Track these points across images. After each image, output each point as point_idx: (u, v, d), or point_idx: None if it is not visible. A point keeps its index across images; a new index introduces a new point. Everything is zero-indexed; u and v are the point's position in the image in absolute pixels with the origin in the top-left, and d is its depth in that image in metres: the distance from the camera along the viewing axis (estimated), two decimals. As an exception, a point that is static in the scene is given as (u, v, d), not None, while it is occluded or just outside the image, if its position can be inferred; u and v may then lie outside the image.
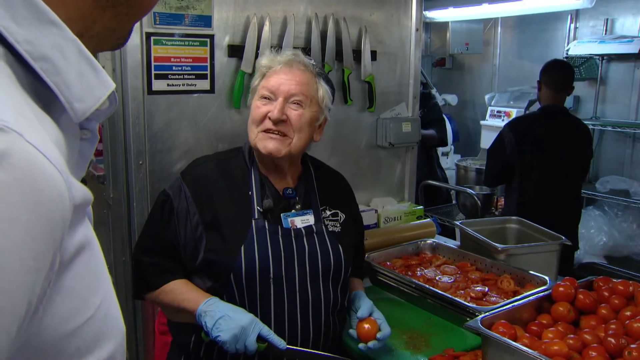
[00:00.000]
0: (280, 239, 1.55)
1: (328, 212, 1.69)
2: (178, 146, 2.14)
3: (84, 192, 0.57)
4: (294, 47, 2.33)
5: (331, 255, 1.61)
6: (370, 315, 1.62)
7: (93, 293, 0.60)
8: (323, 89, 1.64)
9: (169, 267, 1.57)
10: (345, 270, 1.63)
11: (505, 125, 3.35)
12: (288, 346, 1.46)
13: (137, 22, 0.71)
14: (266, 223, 1.56)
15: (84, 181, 0.67)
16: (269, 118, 1.56)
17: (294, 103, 1.58)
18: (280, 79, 1.58)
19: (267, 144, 1.57)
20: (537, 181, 3.20)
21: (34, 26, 0.56)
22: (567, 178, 3.25)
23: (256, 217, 1.56)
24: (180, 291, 1.54)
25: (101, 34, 0.66)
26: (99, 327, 0.60)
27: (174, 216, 1.56)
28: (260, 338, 1.43)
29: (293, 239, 1.57)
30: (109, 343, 0.62)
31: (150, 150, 2.08)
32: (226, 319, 1.42)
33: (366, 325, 1.58)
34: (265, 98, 1.59)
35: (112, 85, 0.63)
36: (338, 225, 1.69)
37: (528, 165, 3.20)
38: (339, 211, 1.72)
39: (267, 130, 1.57)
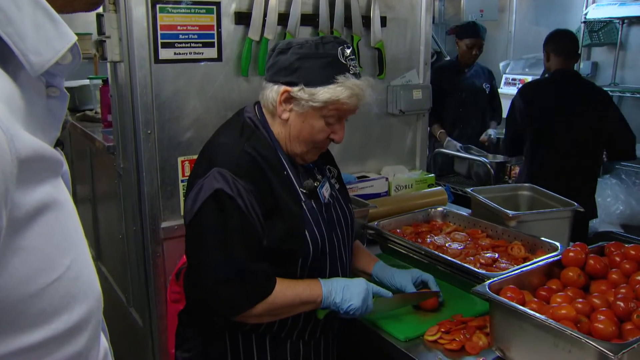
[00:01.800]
0: (325, 215, 1.59)
1: (328, 172, 1.73)
2: (186, 115, 2.14)
3: (35, 147, 0.54)
4: (303, 14, 2.30)
5: (348, 215, 1.69)
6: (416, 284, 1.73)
7: (62, 254, 0.58)
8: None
9: (270, 268, 1.48)
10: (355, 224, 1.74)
11: (516, 92, 3.31)
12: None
13: None
14: (313, 202, 1.56)
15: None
16: (333, 140, 1.56)
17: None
18: (354, 108, 1.52)
19: (315, 156, 1.61)
20: (547, 149, 3.13)
21: None
22: (580, 146, 3.15)
23: (303, 199, 1.54)
24: (291, 285, 1.49)
25: None
26: (68, 289, 0.58)
27: (247, 216, 1.43)
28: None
29: (331, 211, 1.62)
30: (81, 306, 0.60)
31: (159, 120, 2.08)
32: (347, 289, 1.51)
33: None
34: (330, 121, 1.51)
35: (73, 38, 0.60)
36: (335, 181, 1.74)
37: (538, 133, 3.14)
38: (331, 167, 1.76)
39: (322, 147, 1.60)
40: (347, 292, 1.51)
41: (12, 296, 0.53)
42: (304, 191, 1.55)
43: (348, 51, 1.49)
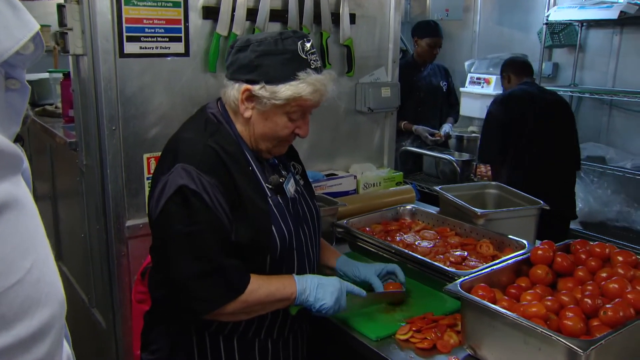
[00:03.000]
0: (291, 210, 1.58)
1: (292, 169, 1.73)
2: (152, 111, 2.08)
3: None
4: (272, 10, 2.27)
5: (314, 211, 1.69)
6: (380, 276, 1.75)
7: (22, 256, 0.54)
8: None
9: (242, 265, 1.45)
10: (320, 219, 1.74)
11: (491, 103, 3.49)
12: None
13: None
14: (279, 198, 1.55)
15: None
16: (297, 135, 1.56)
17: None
18: (317, 103, 1.52)
19: (281, 151, 1.60)
20: (528, 156, 3.33)
21: None
22: (558, 150, 3.39)
23: (269, 194, 1.53)
24: (265, 283, 1.47)
25: None
26: (29, 293, 0.55)
27: (213, 211, 1.40)
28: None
29: (297, 206, 1.61)
30: (43, 310, 0.57)
31: (124, 116, 2.02)
32: (321, 288, 1.51)
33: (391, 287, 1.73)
34: (293, 117, 1.51)
35: (36, 26, 0.57)
36: (299, 177, 1.73)
37: (518, 141, 3.33)
38: (294, 163, 1.76)
39: (287, 141, 1.59)
40: (320, 291, 1.50)
41: None
42: (270, 187, 1.54)
43: (308, 45, 1.48)
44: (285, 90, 1.44)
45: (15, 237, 0.54)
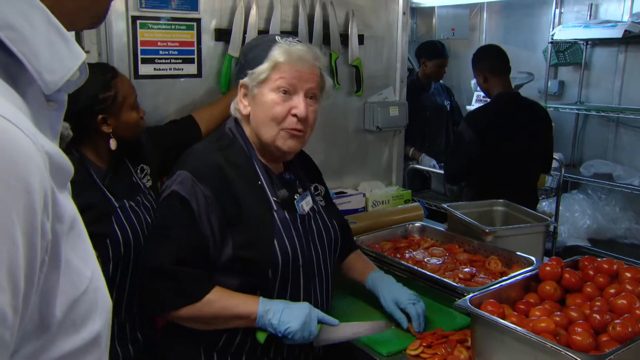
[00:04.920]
0: (300, 226, 1.57)
1: (313, 189, 1.73)
2: (166, 131, 2.13)
3: (58, 154, 0.55)
4: (282, 31, 2.32)
5: (331, 231, 1.67)
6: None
7: (85, 266, 0.60)
8: (329, 83, 1.61)
9: (206, 276, 1.47)
10: (340, 240, 1.72)
11: (462, 121, 3.23)
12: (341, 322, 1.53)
13: (112, 1, 0.69)
14: (286, 213, 1.54)
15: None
16: (296, 116, 1.49)
17: (310, 97, 1.52)
18: (301, 72, 1.49)
19: (290, 143, 1.52)
20: (497, 174, 3.02)
21: None
22: (528, 169, 3.12)
23: (275, 208, 1.53)
24: (227, 297, 1.46)
25: (74, 12, 0.64)
26: (91, 300, 0.60)
27: (195, 219, 1.44)
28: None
29: (307, 223, 1.60)
30: (100, 316, 0.62)
31: (138, 135, 2.07)
32: (288, 311, 1.44)
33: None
34: (284, 92, 1.49)
35: (83, 56, 0.62)
36: (322, 199, 1.75)
37: (489, 159, 3.00)
38: (318, 185, 1.77)
39: (292, 129, 1.51)
40: (285, 314, 1.44)
41: (58, 309, 0.55)
42: (277, 200, 1.54)
43: (290, 38, 1.55)
44: (263, 65, 1.49)
45: (80, 249, 0.59)
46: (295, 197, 1.60)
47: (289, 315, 1.43)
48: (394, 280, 1.76)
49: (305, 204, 1.62)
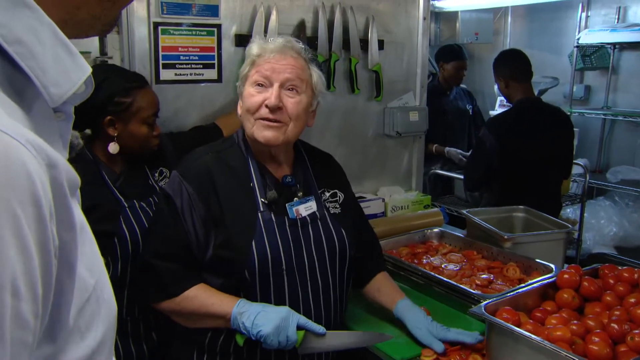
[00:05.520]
0: (288, 230, 1.54)
1: (327, 194, 1.68)
2: (186, 135, 2.16)
3: (64, 163, 0.56)
4: (301, 37, 2.34)
5: (335, 240, 1.61)
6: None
7: (90, 275, 0.61)
8: (316, 74, 1.60)
9: (188, 272, 1.50)
10: (350, 251, 1.64)
11: (483, 127, 3.19)
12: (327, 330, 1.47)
13: (123, 9, 0.70)
14: (272, 215, 1.53)
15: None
16: (266, 105, 1.50)
17: (290, 89, 1.52)
18: (274, 65, 1.51)
19: (265, 133, 1.51)
20: (518, 180, 2.96)
21: (7, 9, 0.55)
22: (549, 175, 3.05)
23: (262, 209, 1.52)
24: (206, 296, 1.48)
25: (86, 20, 0.65)
26: (94, 308, 0.62)
27: (179, 216, 1.49)
28: (298, 327, 1.43)
29: (300, 228, 1.56)
30: (103, 323, 0.64)
31: (159, 139, 2.10)
32: (263, 314, 1.41)
33: None
34: (259, 85, 1.52)
35: (89, 70, 0.63)
36: (338, 206, 1.69)
37: (510, 166, 2.95)
38: (337, 191, 1.71)
39: (264, 119, 1.51)
40: (260, 317, 1.41)
41: (68, 315, 0.57)
42: (265, 202, 1.54)
43: (280, 37, 1.60)
44: (245, 64, 1.58)
45: (86, 257, 0.61)
46: (294, 200, 1.59)
47: (263, 319, 1.41)
48: (423, 312, 1.68)
49: (304, 209, 1.59)
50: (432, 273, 1.92)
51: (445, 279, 1.86)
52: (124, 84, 1.68)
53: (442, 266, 2.01)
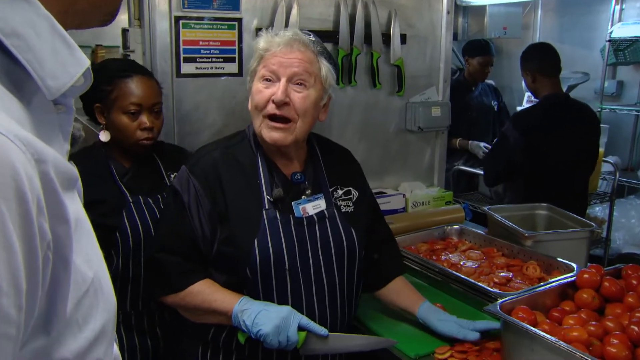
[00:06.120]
0: (293, 229, 1.51)
1: (340, 192, 1.63)
2: (207, 128, 2.18)
3: (55, 157, 0.56)
4: (324, 30, 2.33)
5: (344, 240, 1.56)
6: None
7: (88, 267, 0.62)
8: (325, 68, 1.55)
9: (193, 267, 1.50)
10: (359, 251, 1.60)
11: (507, 122, 3.13)
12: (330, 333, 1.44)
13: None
14: (277, 213, 1.50)
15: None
16: (273, 101, 1.47)
17: (298, 84, 1.49)
18: (282, 59, 1.48)
19: (272, 134, 1.49)
20: (543, 177, 2.89)
21: (5, 2, 0.55)
22: (574, 168, 2.98)
23: (267, 207, 1.50)
24: (210, 292, 1.47)
25: (86, 10, 0.65)
26: (92, 300, 0.62)
27: (186, 211, 1.48)
28: (300, 328, 1.41)
29: (305, 227, 1.53)
30: (102, 315, 0.64)
31: (179, 132, 2.13)
32: (264, 313, 1.40)
33: None
34: (266, 80, 1.49)
35: (87, 63, 0.63)
36: (351, 204, 1.64)
37: (535, 163, 2.88)
38: (351, 188, 1.66)
39: (271, 116, 1.49)
40: (260, 316, 1.39)
41: (66, 308, 0.58)
42: (271, 200, 1.52)
43: (289, 31, 1.56)
44: (253, 59, 1.57)
45: (84, 250, 0.61)
46: (302, 198, 1.56)
47: (263, 318, 1.39)
48: (445, 312, 1.67)
49: (311, 207, 1.56)
50: (450, 270, 1.89)
51: (462, 275, 1.84)
52: (112, 72, 1.69)
53: (461, 263, 1.99)
